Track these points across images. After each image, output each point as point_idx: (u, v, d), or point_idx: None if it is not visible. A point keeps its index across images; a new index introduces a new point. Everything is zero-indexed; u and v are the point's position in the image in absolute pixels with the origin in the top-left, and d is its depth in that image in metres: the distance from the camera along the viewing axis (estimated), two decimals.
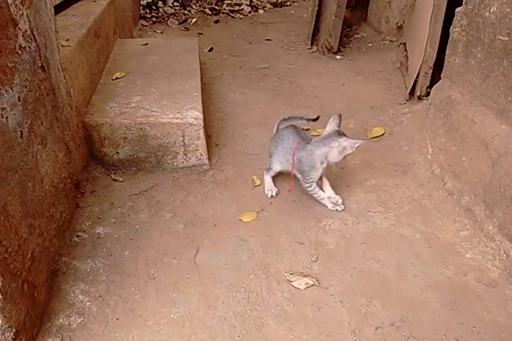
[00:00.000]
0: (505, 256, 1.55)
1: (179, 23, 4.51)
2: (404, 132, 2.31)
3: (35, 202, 1.38)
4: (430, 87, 2.48)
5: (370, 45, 3.74)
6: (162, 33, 4.22)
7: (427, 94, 2.52)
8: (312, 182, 1.84)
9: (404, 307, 1.45)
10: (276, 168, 1.97)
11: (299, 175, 1.88)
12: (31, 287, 1.29)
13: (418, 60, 2.67)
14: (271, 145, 1.99)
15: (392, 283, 1.53)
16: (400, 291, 1.50)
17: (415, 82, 2.67)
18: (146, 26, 4.32)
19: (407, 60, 3.02)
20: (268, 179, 1.98)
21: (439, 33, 2.52)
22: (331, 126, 1.81)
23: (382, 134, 2.35)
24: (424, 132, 2.14)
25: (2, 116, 1.22)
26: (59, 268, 1.50)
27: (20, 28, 1.37)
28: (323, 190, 1.88)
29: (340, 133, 1.76)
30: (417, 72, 2.65)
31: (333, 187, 1.90)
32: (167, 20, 4.52)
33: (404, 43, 3.27)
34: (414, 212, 1.84)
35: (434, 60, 2.57)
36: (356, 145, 1.73)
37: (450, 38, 2.04)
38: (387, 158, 2.18)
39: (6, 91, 1.26)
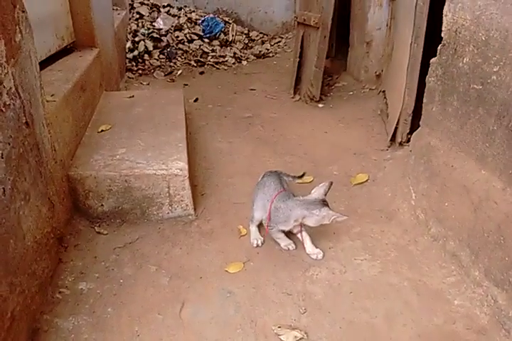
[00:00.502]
0: (493, 301, 1.54)
1: (165, 75, 4.64)
2: (388, 178, 2.35)
3: (16, 259, 1.36)
4: (410, 133, 2.54)
5: (351, 93, 3.86)
6: (148, 84, 4.32)
7: (408, 140, 2.59)
8: (276, 229, 1.86)
9: None
10: (259, 216, 1.97)
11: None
12: None
13: (397, 107, 2.76)
14: (253, 195, 2.01)
15: (381, 334, 1.51)
16: None
17: (396, 128, 2.74)
18: (133, 78, 4.43)
19: (387, 108, 3.12)
20: (253, 229, 1.98)
21: (416, 81, 2.62)
22: (319, 191, 1.84)
23: (366, 180, 2.39)
24: (407, 178, 2.18)
25: None
26: (40, 327, 1.45)
27: (4, 86, 1.40)
28: (302, 244, 1.88)
29: (324, 203, 1.79)
30: (397, 119, 2.73)
31: (314, 241, 1.90)
32: (153, 72, 4.65)
33: (384, 91, 3.39)
34: (400, 259, 1.84)
35: (412, 108, 2.66)
36: (333, 219, 1.75)
37: (426, 87, 2.12)
38: (372, 204, 2.20)
39: None
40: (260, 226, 2.01)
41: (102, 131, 2.44)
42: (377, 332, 1.51)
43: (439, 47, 2.00)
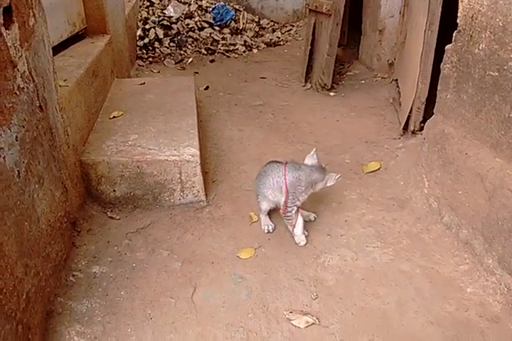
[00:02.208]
0: (506, 290, 1.53)
1: (175, 63, 4.62)
2: (400, 166, 2.33)
3: (31, 241, 1.37)
4: (423, 121, 2.52)
5: (363, 82, 3.83)
6: (159, 72, 4.31)
7: (421, 129, 2.56)
8: (296, 206, 1.85)
9: None
10: (266, 206, 1.95)
11: (282, 200, 1.86)
12: (26, 329, 1.26)
13: (410, 95, 2.73)
14: (255, 186, 1.99)
15: (393, 320, 1.50)
16: (401, 328, 1.48)
17: (408, 117, 2.71)
18: (143, 66, 4.42)
19: (400, 96, 3.09)
20: (263, 216, 1.98)
21: (430, 69, 2.59)
22: (313, 160, 1.93)
23: (378, 169, 2.37)
24: (420, 166, 2.16)
25: (0, 156, 1.23)
26: (54, 309, 1.47)
27: (18, 70, 1.40)
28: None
29: (325, 168, 1.92)
30: (409, 108, 2.71)
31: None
32: (163, 60, 4.63)
33: (396, 80, 3.35)
34: (413, 247, 1.83)
35: (426, 96, 2.63)
36: (336, 179, 1.90)
37: (441, 74, 2.09)
38: (384, 192, 2.19)
39: (4, 131, 1.27)
40: (271, 212, 2.00)
41: (114, 117, 2.44)
42: (389, 318, 1.51)
43: (454, 34, 1.96)
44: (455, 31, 1.95)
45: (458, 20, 1.93)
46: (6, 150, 1.27)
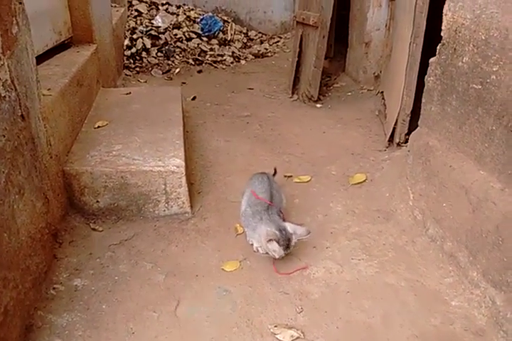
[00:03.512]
0: (490, 303, 1.53)
1: (163, 73, 4.61)
2: (385, 178, 2.34)
3: (10, 253, 1.34)
4: (408, 133, 2.54)
5: (349, 93, 3.86)
6: (146, 82, 4.30)
7: (406, 141, 2.58)
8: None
9: None
10: None
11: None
12: None
13: (395, 108, 2.75)
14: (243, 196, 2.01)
15: (378, 334, 1.49)
16: None
17: (394, 129, 2.74)
18: (130, 76, 4.40)
19: (385, 108, 3.11)
20: None
21: (415, 82, 2.62)
22: (295, 229, 1.77)
23: (364, 180, 2.38)
24: (405, 178, 2.17)
25: None
26: (34, 323, 1.43)
27: (0, 78, 1.38)
28: None
29: (280, 233, 1.71)
30: (395, 120, 2.73)
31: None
32: (151, 70, 4.63)
33: (382, 92, 3.39)
34: (398, 259, 1.83)
35: (411, 108, 2.66)
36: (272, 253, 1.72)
37: (425, 86, 2.12)
38: (370, 204, 2.19)
39: None
40: None
41: (99, 127, 2.42)
42: (375, 332, 1.50)
43: (438, 47, 1.99)
44: (439, 44, 1.98)
45: (442, 34, 1.96)
46: None
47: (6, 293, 1.29)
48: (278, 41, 5.90)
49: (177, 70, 4.69)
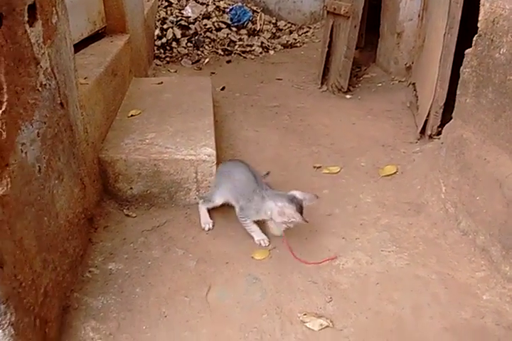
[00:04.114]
0: None
1: (192, 63, 4.64)
2: (417, 171, 2.31)
3: (50, 236, 1.39)
4: (441, 126, 2.50)
5: (380, 85, 3.81)
6: (176, 72, 4.33)
7: (438, 133, 2.54)
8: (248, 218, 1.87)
9: None
10: (218, 201, 1.96)
11: (234, 203, 1.91)
12: (43, 323, 1.27)
13: (428, 99, 2.71)
14: (217, 177, 2.00)
15: (408, 325, 1.49)
16: (416, 333, 1.46)
17: (426, 121, 2.69)
18: (160, 66, 4.45)
19: (417, 100, 3.06)
20: (203, 210, 1.98)
21: (449, 73, 2.57)
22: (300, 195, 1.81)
23: (395, 173, 2.35)
24: (437, 171, 2.15)
25: (22, 151, 1.24)
26: (70, 304, 1.48)
27: (41, 66, 1.42)
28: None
29: (294, 202, 1.75)
30: (427, 112, 2.69)
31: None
32: (180, 60, 4.66)
33: (414, 83, 3.33)
34: (429, 252, 1.81)
35: (444, 100, 2.61)
36: (292, 221, 1.74)
37: (460, 78, 2.07)
38: (400, 196, 2.17)
39: (26, 127, 1.29)
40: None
41: (132, 115, 2.46)
42: (404, 323, 1.50)
43: (474, 38, 1.95)
44: (475, 35, 1.94)
45: (478, 24, 1.92)
46: (28, 146, 1.29)
47: (45, 275, 1.34)
48: (307, 31, 5.84)
49: (206, 60, 4.71)
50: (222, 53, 4.93)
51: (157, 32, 4.74)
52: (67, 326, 1.42)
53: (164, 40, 4.75)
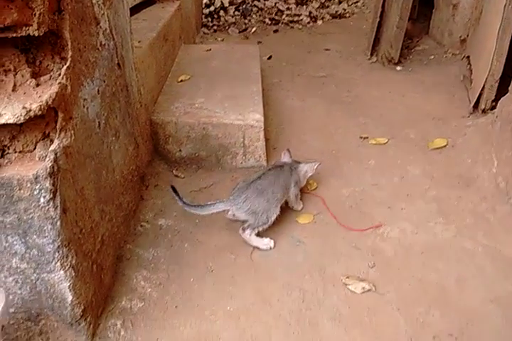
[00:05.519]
0: None
1: (239, 32, 4.60)
2: (468, 144, 2.25)
3: (107, 189, 1.45)
4: (495, 100, 2.42)
5: (432, 57, 3.68)
6: (223, 40, 4.32)
7: (492, 108, 2.46)
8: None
9: (464, 319, 1.41)
10: (276, 215, 1.74)
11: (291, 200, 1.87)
12: (99, 269, 1.35)
13: (483, 73, 2.61)
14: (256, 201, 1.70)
15: (451, 294, 1.49)
16: (459, 303, 1.47)
17: (480, 95, 2.60)
18: (208, 34, 4.44)
19: (471, 74, 2.95)
20: (254, 237, 1.69)
21: (507, 46, 2.46)
22: (285, 158, 1.97)
23: (445, 146, 2.30)
24: (490, 145, 2.09)
25: (83, 106, 1.30)
26: (123, 254, 1.56)
27: (101, 27, 1.46)
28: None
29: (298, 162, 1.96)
30: (482, 86, 2.59)
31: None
32: (227, 29, 4.63)
33: (468, 57, 3.20)
34: (476, 225, 1.79)
35: (500, 73, 2.51)
36: (315, 167, 1.94)
37: None
38: (449, 169, 2.13)
39: (88, 83, 1.33)
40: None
41: (182, 80, 2.49)
42: (447, 293, 1.50)
43: None
44: None
45: None
46: (89, 102, 1.34)
47: (103, 225, 1.41)
48: (357, 1, 5.64)
49: (253, 29, 4.66)
50: (269, 22, 4.86)
51: (205, 0, 4.71)
52: (120, 274, 1.50)
53: (212, 8, 4.72)
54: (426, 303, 1.46)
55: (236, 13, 4.90)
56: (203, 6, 4.64)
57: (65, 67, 1.16)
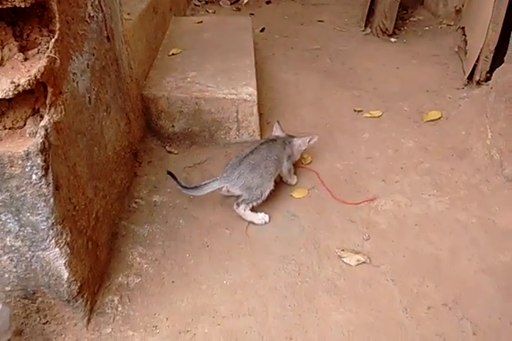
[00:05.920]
0: None
1: (231, 4, 4.49)
2: (462, 116, 2.24)
3: (99, 165, 1.44)
4: (490, 71, 2.40)
5: (427, 28, 3.62)
6: (214, 12, 4.21)
7: (487, 79, 2.44)
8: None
9: (458, 289, 1.43)
10: (269, 190, 1.73)
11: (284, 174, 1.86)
12: (94, 245, 1.35)
13: (478, 44, 2.57)
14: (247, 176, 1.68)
15: (445, 265, 1.52)
16: (453, 273, 1.49)
17: (474, 66, 2.57)
18: (199, 6, 4.33)
19: (466, 45, 2.91)
20: (249, 212, 1.68)
21: (503, 15, 2.42)
22: (278, 132, 1.95)
23: (439, 118, 2.29)
24: (484, 116, 2.08)
25: (73, 81, 1.27)
26: (118, 231, 1.56)
27: None
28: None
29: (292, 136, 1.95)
30: (476, 57, 2.56)
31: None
32: (219, 1, 4.51)
33: (463, 27, 3.15)
34: (470, 197, 1.80)
35: (495, 44, 2.48)
36: (308, 141, 1.91)
37: None
38: (443, 142, 2.12)
39: (77, 57, 1.30)
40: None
41: (173, 54, 2.44)
42: (441, 263, 1.52)
43: None
44: None
45: None
46: (79, 76, 1.31)
47: (96, 201, 1.40)
48: None
49: (245, 1, 4.54)
50: None
51: None
52: (115, 251, 1.50)
53: None
54: (420, 274, 1.48)
55: None
56: None
57: (53, 40, 1.13)
